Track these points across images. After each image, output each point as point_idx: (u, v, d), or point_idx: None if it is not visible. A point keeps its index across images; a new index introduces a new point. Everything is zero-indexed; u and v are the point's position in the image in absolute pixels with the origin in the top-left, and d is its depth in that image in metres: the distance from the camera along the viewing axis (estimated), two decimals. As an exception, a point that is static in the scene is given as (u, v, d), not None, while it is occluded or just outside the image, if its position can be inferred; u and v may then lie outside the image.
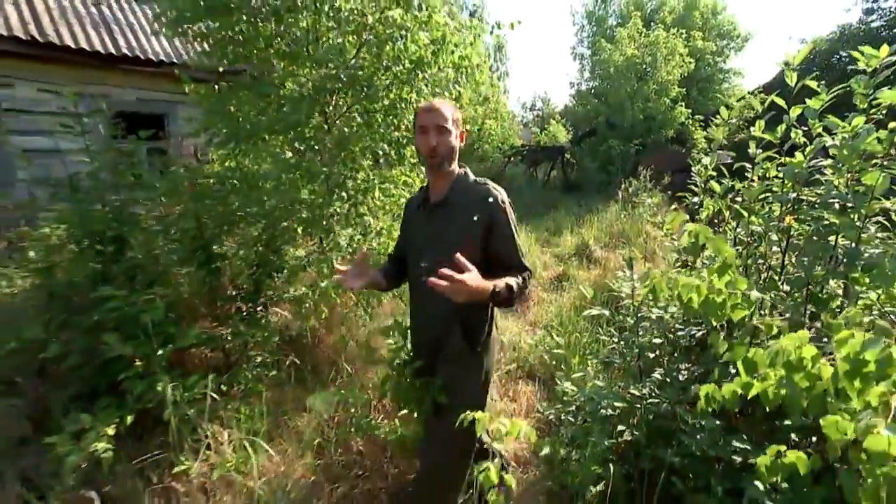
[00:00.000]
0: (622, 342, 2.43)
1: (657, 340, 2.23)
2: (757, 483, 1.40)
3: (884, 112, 1.54)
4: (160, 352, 2.07)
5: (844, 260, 1.52)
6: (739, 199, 2.08)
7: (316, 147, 2.54)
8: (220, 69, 2.93)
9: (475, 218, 1.51)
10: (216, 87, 2.86)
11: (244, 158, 3.16)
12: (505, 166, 14.48)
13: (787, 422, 1.51)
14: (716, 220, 2.30)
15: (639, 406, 2.01)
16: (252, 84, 2.81)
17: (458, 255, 1.29)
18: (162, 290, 2.34)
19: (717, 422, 1.68)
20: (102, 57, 5.34)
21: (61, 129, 2.31)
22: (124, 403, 2.02)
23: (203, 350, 2.75)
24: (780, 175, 1.81)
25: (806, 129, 1.73)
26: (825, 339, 1.30)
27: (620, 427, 2.04)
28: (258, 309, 2.82)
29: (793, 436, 1.52)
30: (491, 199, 1.53)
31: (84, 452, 1.66)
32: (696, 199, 2.43)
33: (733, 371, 1.29)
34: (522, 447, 2.49)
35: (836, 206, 1.57)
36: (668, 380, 2.02)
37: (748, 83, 19.52)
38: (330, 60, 2.31)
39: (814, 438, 1.51)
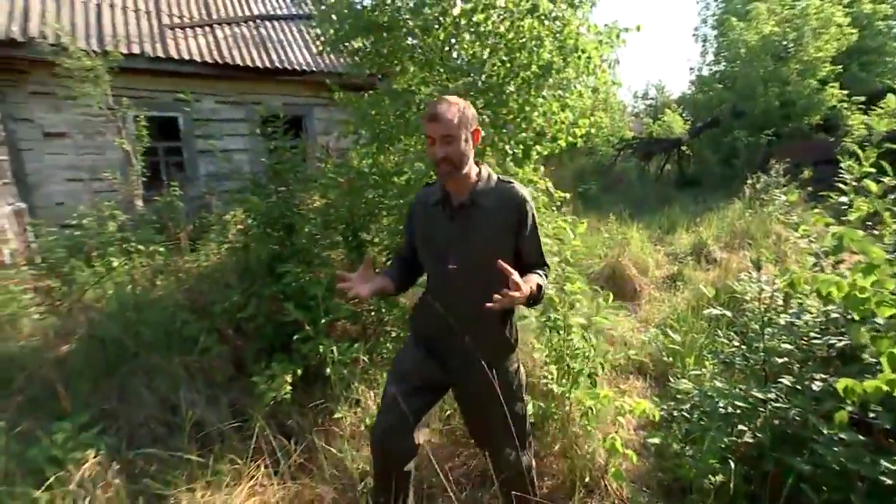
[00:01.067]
0: (745, 345, 2.36)
1: (787, 346, 2.14)
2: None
3: None
4: (323, 320, 2.52)
5: None
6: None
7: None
8: (365, 78, 3.39)
9: (506, 219, 1.54)
10: (365, 94, 3.30)
11: (380, 156, 3.58)
12: (615, 160, 13.85)
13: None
14: (870, 223, 2.09)
15: (762, 409, 1.96)
16: (392, 91, 3.19)
17: (501, 262, 1.33)
18: (321, 269, 2.82)
19: (861, 437, 1.61)
20: (261, 71, 6.36)
21: (230, 134, 2.85)
22: (293, 359, 2.52)
23: (345, 322, 3.23)
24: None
25: None
26: None
27: (741, 427, 2.02)
28: (390, 289, 3.22)
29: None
30: (519, 200, 1.55)
31: (276, 392, 2.15)
32: (843, 199, 2.22)
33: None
34: (632, 437, 2.54)
35: None
36: (798, 387, 1.94)
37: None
38: (467, 69, 2.56)
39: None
